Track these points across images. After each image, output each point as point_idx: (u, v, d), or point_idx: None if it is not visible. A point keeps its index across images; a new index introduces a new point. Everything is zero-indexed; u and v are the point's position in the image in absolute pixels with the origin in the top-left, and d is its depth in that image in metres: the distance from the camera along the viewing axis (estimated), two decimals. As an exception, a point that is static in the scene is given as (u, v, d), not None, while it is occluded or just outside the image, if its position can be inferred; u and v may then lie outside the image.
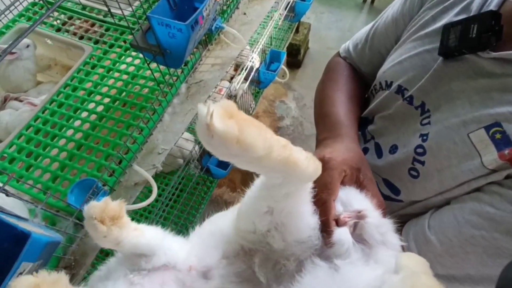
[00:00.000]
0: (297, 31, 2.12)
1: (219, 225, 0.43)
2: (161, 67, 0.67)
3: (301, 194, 0.36)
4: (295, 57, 2.20)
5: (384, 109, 0.59)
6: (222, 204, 1.67)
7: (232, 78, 1.40)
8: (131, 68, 0.78)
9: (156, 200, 1.16)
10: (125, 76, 0.76)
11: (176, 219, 1.17)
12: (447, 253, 0.44)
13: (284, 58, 1.50)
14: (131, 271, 0.37)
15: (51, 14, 0.86)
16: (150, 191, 0.66)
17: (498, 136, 0.41)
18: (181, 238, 0.43)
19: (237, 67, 1.41)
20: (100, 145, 0.66)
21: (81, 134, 0.68)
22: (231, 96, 1.18)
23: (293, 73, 2.24)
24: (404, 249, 0.41)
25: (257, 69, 1.36)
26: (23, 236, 0.38)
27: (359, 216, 0.39)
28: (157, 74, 0.74)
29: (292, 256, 0.37)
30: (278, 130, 1.97)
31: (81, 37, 0.84)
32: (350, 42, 0.73)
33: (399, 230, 0.49)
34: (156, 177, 1.09)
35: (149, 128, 0.68)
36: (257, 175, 0.37)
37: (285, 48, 1.79)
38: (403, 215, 0.53)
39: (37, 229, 0.41)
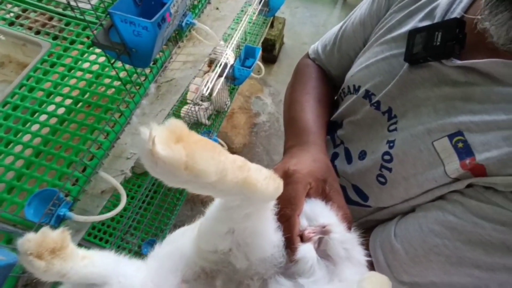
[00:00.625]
0: (271, 26, 2.11)
1: (178, 246, 0.41)
2: (128, 66, 0.63)
3: (262, 213, 0.35)
4: (270, 53, 2.19)
5: (352, 114, 0.59)
6: (198, 204, 1.64)
7: (205, 74, 1.36)
8: (95, 67, 0.72)
9: (129, 203, 1.12)
10: (88, 76, 0.71)
11: (150, 222, 1.13)
12: (412, 261, 0.44)
13: (259, 54, 1.48)
14: None
15: (3, 6, 0.78)
16: (119, 199, 0.62)
17: (460, 145, 0.41)
18: (137, 262, 0.40)
19: (211, 63, 1.38)
20: (62, 151, 0.61)
21: (40, 139, 0.62)
22: (205, 94, 1.14)
23: (268, 69, 2.22)
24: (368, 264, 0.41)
25: (232, 65, 1.33)
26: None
27: (324, 231, 0.38)
28: (123, 74, 0.70)
29: (256, 275, 0.36)
30: (254, 127, 1.96)
31: (38, 32, 0.77)
32: (319, 43, 0.72)
33: (366, 237, 0.49)
34: (126, 181, 1.04)
35: (116, 131, 0.63)
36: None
37: (260, 44, 1.77)
38: (371, 221, 0.53)
39: (-16, 253, 0.37)
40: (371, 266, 0.48)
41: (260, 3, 1.45)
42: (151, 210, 1.19)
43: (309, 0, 2.68)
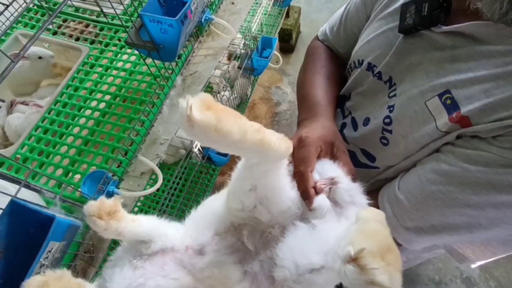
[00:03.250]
0: (287, 16, 2.13)
1: (210, 208, 0.49)
2: (157, 62, 0.71)
3: (278, 170, 0.41)
4: (287, 42, 2.22)
5: (358, 86, 0.64)
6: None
7: (225, 67, 1.43)
8: (128, 65, 0.82)
9: (162, 191, 1.22)
10: (122, 73, 0.80)
11: (183, 207, 1.23)
12: (413, 208, 0.49)
13: (275, 44, 1.53)
14: (134, 257, 0.42)
15: (45, 18, 0.89)
16: (156, 181, 0.71)
17: (448, 102, 0.46)
18: (176, 223, 0.49)
19: (230, 56, 1.44)
20: (106, 140, 0.71)
21: (87, 130, 0.72)
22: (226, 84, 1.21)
23: (286, 58, 2.26)
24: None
25: (250, 56, 1.39)
26: (47, 221, 0.43)
27: (332, 182, 0.44)
28: (153, 69, 0.78)
29: (277, 224, 0.43)
30: (275, 116, 2.01)
31: (77, 39, 0.88)
32: (327, 25, 0.78)
33: (375, 195, 0.54)
34: (161, 168, 1.14)
35: (150, 120, 0.72)
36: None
37: (276, 34, 1.81)
38: (380, 180, 0.58)
39: (58, 215, 0.46)
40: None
41: (274, -6, 1.49)
42: (182, 196, 1.28)
43: (324, -14, 2.67)
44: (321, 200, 0.42)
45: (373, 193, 0.56)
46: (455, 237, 0.48)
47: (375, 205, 0.54)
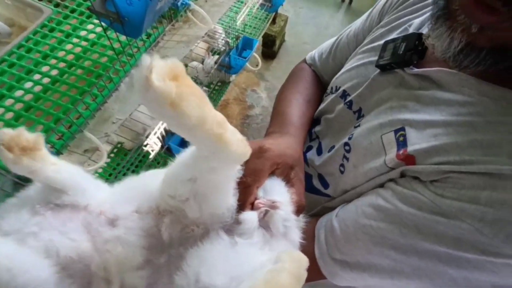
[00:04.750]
0: (273, 22, 2.14)
1: (144, 182, 0.45)
2: (122, 37, 0.67)
3: (226, 172, 0.37)
4: (270, 48, 2.23)
5: (328, 112, 0.64)
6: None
7: (203, 62, 1.40)
8: (92, 36, 0.76)
9: (110, 174, 1.15)
10: (84, 43, 0.75)
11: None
12: (343, 239, 0.48)
13: (256, 45, 1.52)
14: (38, 203, 0.37)
15: (10, -29, 0.82)
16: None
17: (401, 138, 0.46)
18: (102, 184, 0.44)
19: (208, 49, 1.42)
20: (51, 109, 0.65)
21: (31, 96, 0.66)
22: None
23: (267, 64, 2.26)
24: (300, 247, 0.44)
25: (228, 53, 1.37)
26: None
27: (272, 206, 0.41)
28: (117, 45, 0.74)
29: (202, 225, 0.40)
30: (247, 118, 2.00)
31: (41, -1, 0.81)
32: (316, 51, 0.79)
33: (316, 220, 0.53)
34: (118, 153, 1.08)
35: (104, 96, 0.68)
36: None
37: (260, 37, 1.81)
38: (327, 208, 0.57)
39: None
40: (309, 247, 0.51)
41: (262, -3, 1.49)
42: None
43: (314, 1, 2.73)
44: (249, 215, 0.39)
45: (315, 218, 0.55)
46: (376, 280, 0.47)
47: (312, 229, 0.53)
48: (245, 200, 0.41)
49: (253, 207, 0.41)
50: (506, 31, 0.36)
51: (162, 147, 1.15)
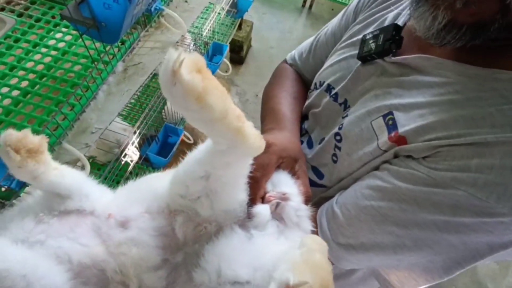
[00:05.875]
0: (239, 28, 2.17)
1: (149, 184, 0.44)
2: (97, 44, 0.65)
3: (240, 167, 0.38)
4: (238, 54, 2.25)
5: (315, 106, 0.67)
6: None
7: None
8: (61, 44, 0.73)
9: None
10: (54, 52, 0.72)
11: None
12: (346, 223, 0.50)
13: (226, 50, 1.53)
14: (42, 210, 0.36)
15: (-36, -20, 0.77)
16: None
17: (390, 122, 0.49)
18: (105, 188, 0.43)
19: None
20: (24, 121, 0.61)
21: (0, 110, 0.62)
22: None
23: (236, 69, 2.28)
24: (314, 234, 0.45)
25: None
26: None
27: (283, 198, 0.43)
28: (91, 52, 0.71)
29: (215, 222, 0.40)
30: (221, 124, 2.00)
31: (2, 9, 0.77)
32: (296, 51, 0.82)
33: (315, 216, 0.55)
34: (90, 166, 1.04)
35: (82, 104, 0.65)
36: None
37: (228, 43, 1.82)
38: (324, 198, 0.60)
39: None
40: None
41: (228, 3, 1.51)
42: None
43: (276, 7, 2.80)
44: (261, 208, 0.40)
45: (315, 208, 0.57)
46: (382, 258, 0.50)
47: (313, 219, 0.55)
48: (256, 194, 0.42)
49: (263, 200, 0.42)
50: (489, 3, 0.39)
51: (140, 157, 1.11)
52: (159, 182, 0.42)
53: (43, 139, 0.36)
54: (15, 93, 0.65)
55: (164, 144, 1.28)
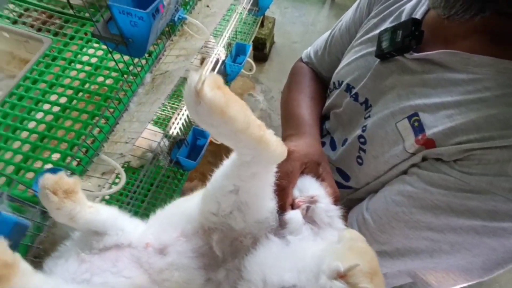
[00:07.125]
0: (262, 25, 2.16)
1: (179, 208, 0.46)
2: (125, 57, 0.68)
3: (266, 176, 0.39)
4: (261, 51, 2.25)
5: (336, 107, 0.66)
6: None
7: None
8: (94, 60, 0.78)
9: (126, 195, 1.16)
10: (87, 68, 0.76)
11: (147, 212, 1.18)
12: (379, 230, 0.50)
13: (249, 50, 1.54)
14: (83, 250, 0.38)
15: (6, 6, 0.83)
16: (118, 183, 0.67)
17: (416, 124, 0.48)
18: (137, 220, 0.45)
19: (203, 60, 1.43)
20: (65, 136, 0.66)
21: (44, 126, 0.67)
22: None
23: (260, 67, 2.28)
24: None
25: (223, 61, 1.38)
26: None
27: (312, 201, 0.43)
28: (121, 65, 0.75)
29: (249, 234, 0.41)
30: (247, 123, 2.01)
31: (39, 29, 0.82)
32: (311, 48, 0.80)
33: (346, 216, 0.55)
34: (125, 171, 1.09)
35: (115, 117, 0.69)
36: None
37: (251, 42, 1.82)
38: (351, 200, 0.59)
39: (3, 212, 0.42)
40: None
41: (249, 2, 1.51)
42: (146, 201, 1.23)
43: (299, 0, 2.76)
44: (294, 214, 0.41)
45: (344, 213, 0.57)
46: (417, 263, 0.49)
47: (345, 217, 0.54)
48: (284, 201, 0.43)
49: (293, 207, 0.42)
50: None
51: (170, 161, 1.15)
52: (188, 204, 0.44)
53: (76, 180, 0.39)
54: (56, 109, 0.70)
55: (193, 147, 1.32)
